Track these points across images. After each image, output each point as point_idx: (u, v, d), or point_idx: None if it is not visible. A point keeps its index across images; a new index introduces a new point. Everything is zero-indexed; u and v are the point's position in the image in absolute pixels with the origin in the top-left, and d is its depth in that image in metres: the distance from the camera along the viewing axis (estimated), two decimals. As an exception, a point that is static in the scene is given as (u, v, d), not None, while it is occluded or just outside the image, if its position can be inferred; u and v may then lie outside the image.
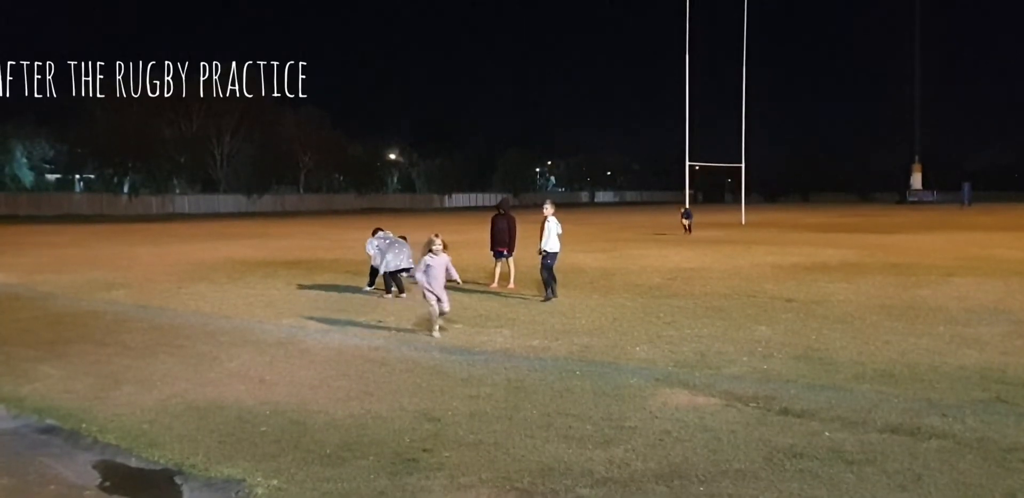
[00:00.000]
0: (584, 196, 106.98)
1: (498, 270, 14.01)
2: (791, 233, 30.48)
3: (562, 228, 12.71)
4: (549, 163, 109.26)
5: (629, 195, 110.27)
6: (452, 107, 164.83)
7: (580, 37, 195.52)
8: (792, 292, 13.02)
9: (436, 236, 9.59)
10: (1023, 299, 11.98)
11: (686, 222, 29.99)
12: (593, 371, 7.58)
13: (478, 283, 14.24)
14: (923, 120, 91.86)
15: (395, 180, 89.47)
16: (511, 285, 13.66)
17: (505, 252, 13.69)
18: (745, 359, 8.03)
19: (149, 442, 5.63)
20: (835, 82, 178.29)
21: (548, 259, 12.39)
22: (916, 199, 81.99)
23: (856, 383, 7.04)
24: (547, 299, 12.17)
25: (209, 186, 71.67)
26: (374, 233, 13.36)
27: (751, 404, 6.39)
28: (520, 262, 14.29)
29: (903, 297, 12.34)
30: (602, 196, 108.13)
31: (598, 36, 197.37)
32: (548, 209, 12.80)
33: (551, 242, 12.44)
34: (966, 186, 74.78)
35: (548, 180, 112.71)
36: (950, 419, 5.92)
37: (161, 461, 5.29)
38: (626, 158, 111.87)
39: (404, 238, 13.29)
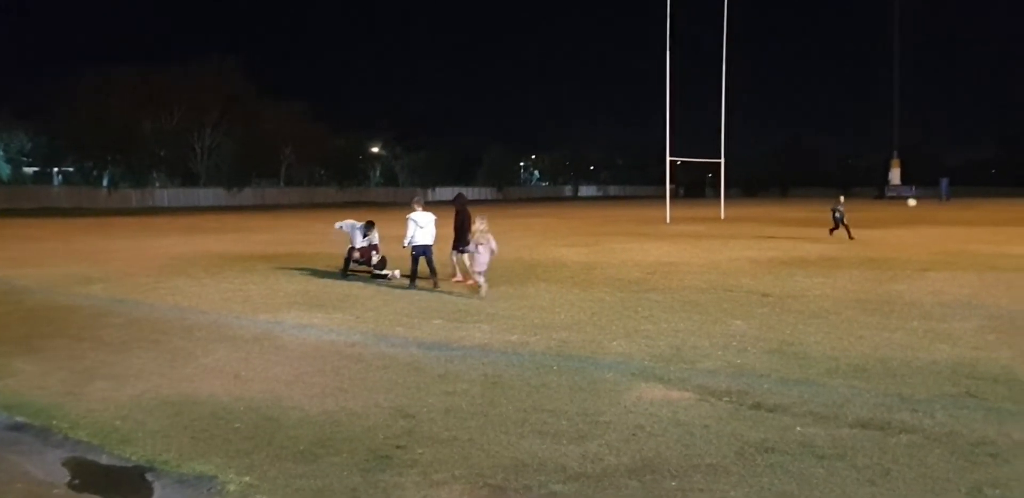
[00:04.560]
0: (568, 190, 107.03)
1: (460, 264, 13.83)
2: (770, 227, 30.64)
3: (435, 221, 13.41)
4: (533, 157, 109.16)
5: (612, 189, 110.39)
6: (437, 101, 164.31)
7: (564, 32, 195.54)
8: (768, 286, 13.10)
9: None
10: (997, 294, 12.12)
11: (841, 221, 23.69)
12: (570, 366, 7.60)
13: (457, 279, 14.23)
14: (902, 116, 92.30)
15: (378, 173, 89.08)
16: (458, 277, 13.74)
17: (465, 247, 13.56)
18: (720, 353, 8.08)
19: (121, 439, 5.60)
20: (816, 78, 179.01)
21: (415, 252, 13.20)
22: (895, 194, 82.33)
23: (829, 378, 7.10)
24: (409, 288, 13.10)
25: (189, 179, 71.09)
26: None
27: (724, 398, 6.44)
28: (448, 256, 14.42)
29: (878, 292, 12.44)
30: (585, 190, 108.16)
31: (582, 31, 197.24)
32: (415, 206, 13.48)
33: (416, 237, 13.13)
34: (944, 181, 75.35)
35: (532, 174, 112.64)
36: (920, 414, 5.99)
37: (133, 458, 5.26)
38: (609, 153, 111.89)
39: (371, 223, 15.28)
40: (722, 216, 38.90)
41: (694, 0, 41.26)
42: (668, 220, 35.47)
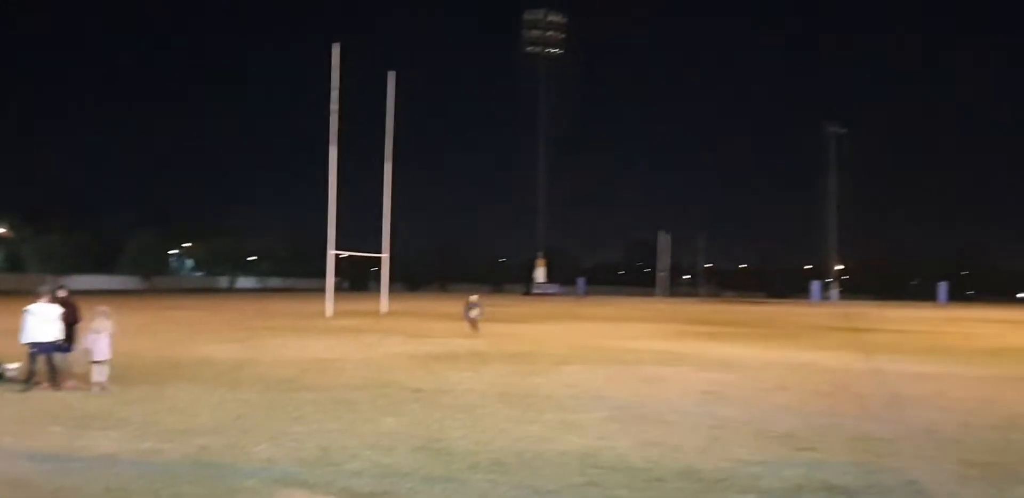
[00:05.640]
0: (224, 281, 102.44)
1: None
2: (427, 322, 31.68)
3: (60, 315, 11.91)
4: (187, 245, 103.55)
5: (273, 281, 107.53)
6: (78, 178, 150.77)
7: (229, 116, 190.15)
8: (421, 382, 13.40)
9: None
10: (620, 386, 13.44)
11: (472, 315, 25.28)
12: (208, 474, 7.11)
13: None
14: (547, 220, 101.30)
15: (1, 258, 78.96)
16: (70, 383, 12.02)
17: (69, 346, 12.24)
18: (368, 453, 8.04)
19: None
20: (473, 180, 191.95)
21: (34, 349, 11.75)
22: (540, 291, 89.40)
23: (470, 473, 7.34)
24: (25, 390, 11.56)
25: None
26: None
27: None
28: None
29: (520, 385, 13.24)
30: (244, 282, 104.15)
31: (245, 119, 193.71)
32: (41, 297, 12.03)
33: (31, 333, 11.70)
34: (581, 281, 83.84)
35: (185, 263, 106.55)
36: (549, 505, 6.36)
37: None
38: (271, 243, 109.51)
39: None
40: (384, 310, 39.45)
41: (359, 99, 42.65)
42: (329, 314, 35.21)
